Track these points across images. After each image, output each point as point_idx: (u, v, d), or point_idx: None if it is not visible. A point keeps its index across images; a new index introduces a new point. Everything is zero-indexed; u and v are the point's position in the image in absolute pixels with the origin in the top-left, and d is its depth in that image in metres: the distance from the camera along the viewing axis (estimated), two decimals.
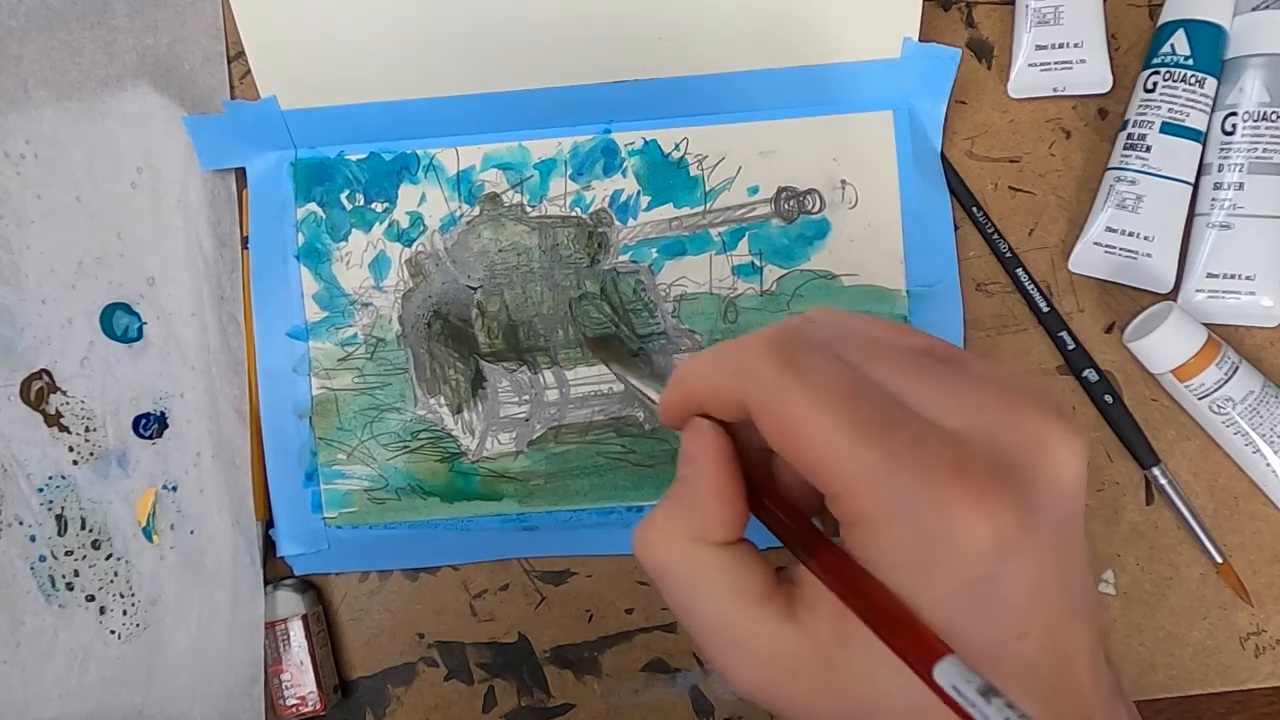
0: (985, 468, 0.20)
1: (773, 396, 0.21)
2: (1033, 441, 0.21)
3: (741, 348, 0.23)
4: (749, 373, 0.22)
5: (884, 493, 0.20)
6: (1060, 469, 0.21)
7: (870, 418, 0.20)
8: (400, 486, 0.42)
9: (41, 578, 0.43)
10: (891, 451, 0.20)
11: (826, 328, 0.24)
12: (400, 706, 0.43)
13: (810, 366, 0.21)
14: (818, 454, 0.21)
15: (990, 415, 0.21)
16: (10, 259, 0.43)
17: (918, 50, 0.40)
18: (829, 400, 0.21)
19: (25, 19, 0.43)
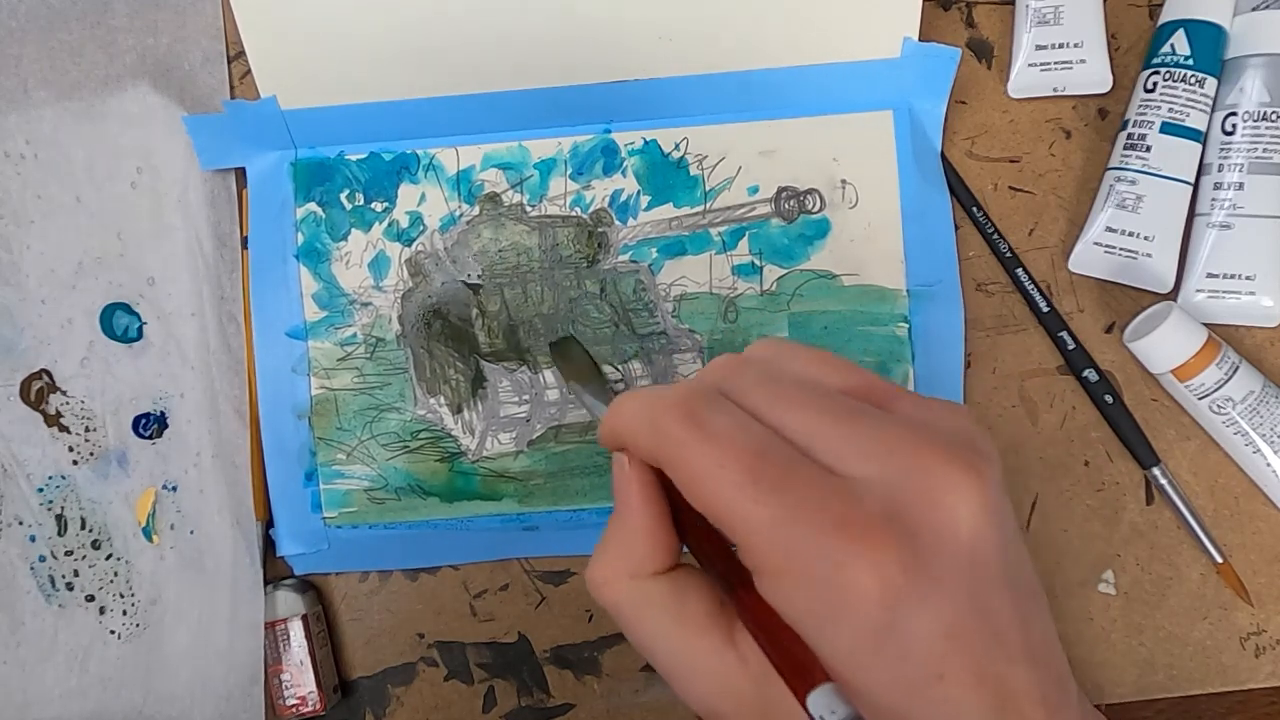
0: (874, 519, 0.21)
1: (678, 453, 0.23)
2: (927, 492, 0.22)
3: (655, 403, 0.24)
4: (658, 428, 0.23)
5: (781, 546, 0.21)
6: (953, 517, 0.21)
7: (768, 474, 0.22)
8: (400, 486, 0.42)
9: (41, 578, 0.43)
10: (786, 506, 0.21)
11: (758, 370, 0.25)
12: (400, 706, 0.43)
13: (714, 423, 0.23)
14: (719, 507, 0.22)
15: (894, 464, 0.22)
16: (10, 259, 0.43)
17: (918, 50, 0.40)
18: (728, 457, 0.22)
19: (25, 19, 0.43)
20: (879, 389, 0.25)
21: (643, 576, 0.25)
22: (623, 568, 0.25)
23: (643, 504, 0.25)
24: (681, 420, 0.23)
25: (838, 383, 0.25)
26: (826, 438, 0.22)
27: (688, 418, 0.23)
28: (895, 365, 0.41)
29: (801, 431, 0.23)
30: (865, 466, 0.22)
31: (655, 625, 0.24)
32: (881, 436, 0.22)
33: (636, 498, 0.25)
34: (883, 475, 0.22)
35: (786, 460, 0.22)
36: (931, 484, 0.22)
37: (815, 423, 0.23)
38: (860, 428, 0.23)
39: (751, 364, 0.25)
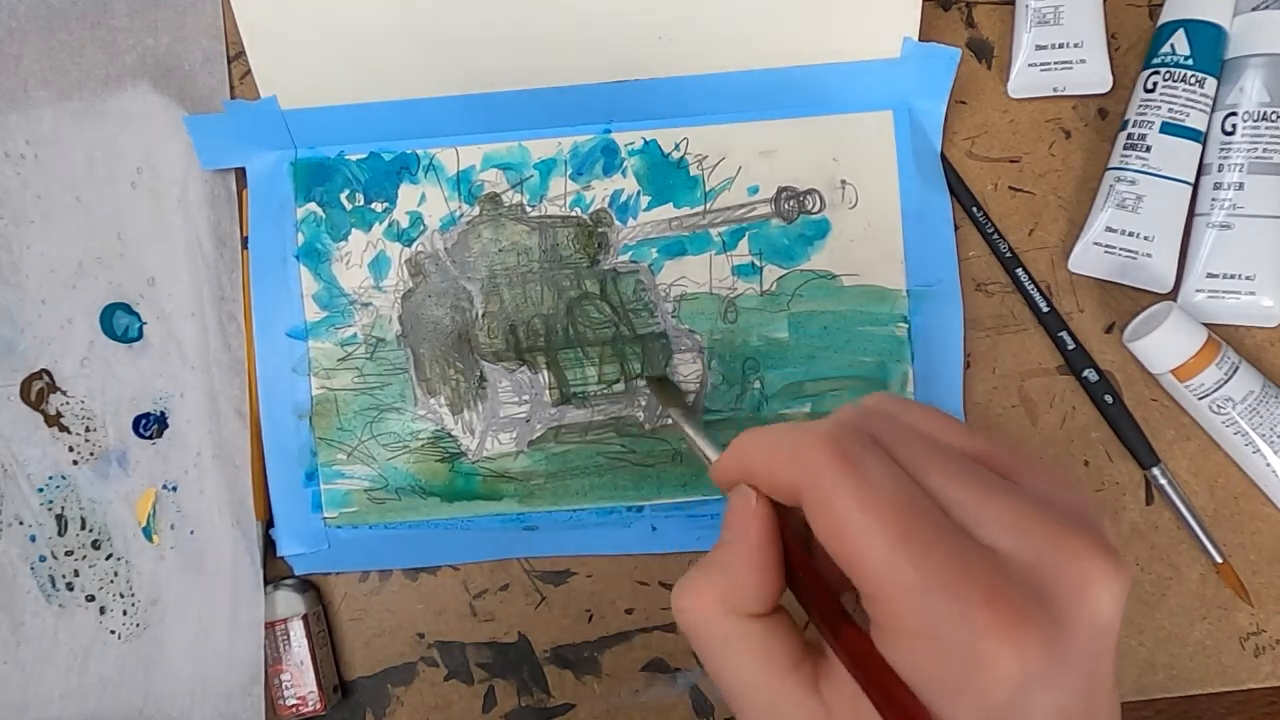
0: (1021, 597, 0.21)
1: (826, 493, 0.22)
2: (1075, 578, 0.21)
3: (802, 437, 0.23)
4: (806, 464, 0.22)
5: (919, 609, 0.21)
6: (1098, 609, 0.21)
7: (917, 532, 0.21)
8: (400, 486, 0.42)
9: (41, 578, 0.43)
10: (932, 570, 0.21)
11: (885, 422, 0.24)
12: (400, 706, 0.43)
13: (867, 468, 0.22)
14: (860, 557, 0.21)
15: (1037, 542, 0.21)
16: (10, 259, 0.43)
17: (917, 50, 0.40)
18: (880, 507, 0.21)
19: (25, 19, 0.43)
20: (1002, 458, 0.24)
21: (737, 613, 0.24)
22: (718, 598, 0.24)
23: (759, 540, 0.24)
24: (834, 459, 0.22)
25: (964, 445, 0.24)
26: (972, 506, 0.22)
27: (841, 457, 0.22)
28: (895, 365, 0.41)
29: (943, 494, 0.22)
30: (1009, 541, 0.21)
31: (741, 663, 0.24)
32: (1022, 511, 0.22)
33: (758, 536, 0.24)
34: (1027, 553, 0.21)
35: (937, 522, 0.21)
36: (1077, 571, 0.21)
37: (959, 488, 0.22)
38: (1003, 500, 0.22)
39: (879, 418, 0.24)
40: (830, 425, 0.23)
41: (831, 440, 0.22)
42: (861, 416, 0.24)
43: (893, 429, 0.24)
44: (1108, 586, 0.21)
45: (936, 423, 0.25)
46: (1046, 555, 0.21)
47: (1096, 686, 0.21)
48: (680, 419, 0.35)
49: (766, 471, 0.24)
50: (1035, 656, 0.20)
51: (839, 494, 0.22)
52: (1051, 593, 0.21)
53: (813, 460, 0.22)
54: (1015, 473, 0.24)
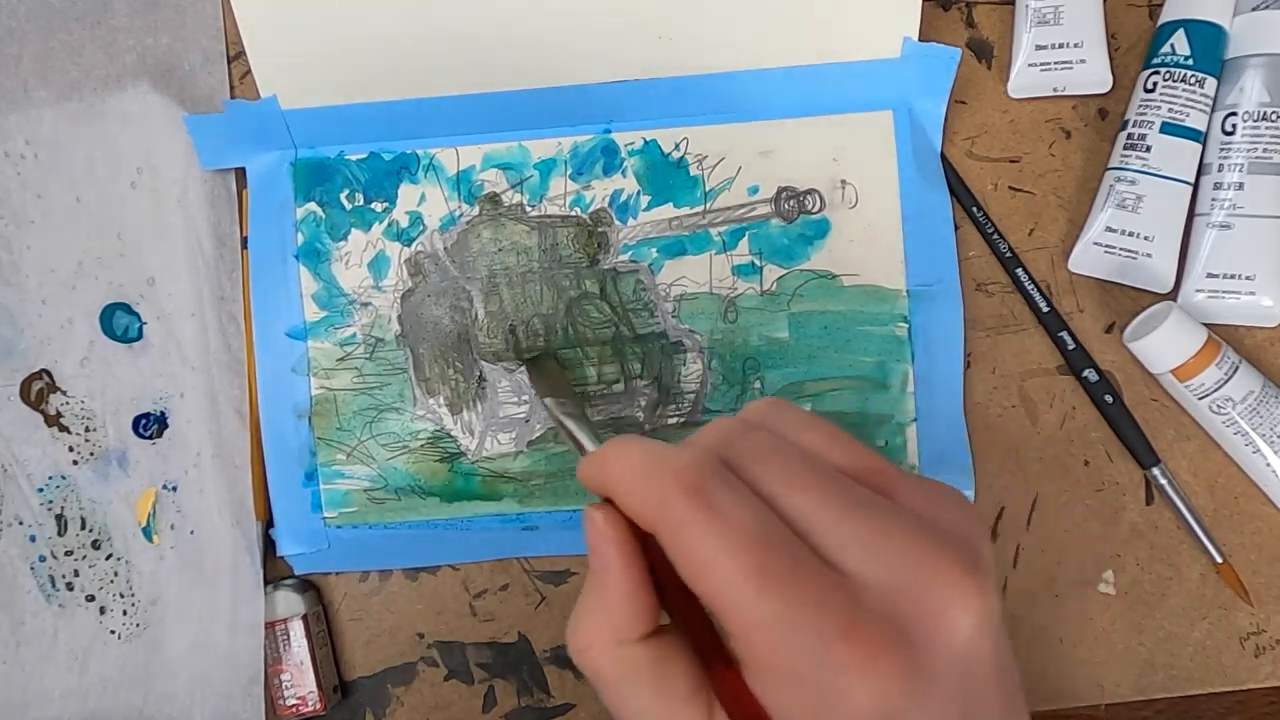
0: (878, 628, 0.21)
1: (679, 530, 0.22)
2: (935, 603, 0.21)
3: (657, 468, 0.23)
4: (660, 499, 0.22)
5: (779, 645, 0.21)
6: (959, 635, 0.21)
7: (771, 566, 0.21)
8: (400, 486, 0.42)
9: (41, 578, 0.43)
10: (786, 605, 0.21)
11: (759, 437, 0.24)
12: (400, 706, 0.43)
13: (722, 503, 0.22)
14: (716, 595, 0.21)
15: (897, 566, 0.21)
16: (10, 259, 0.43)
17: (918, 50, 0.40)
18: (733, 543, 0.21)
19: (25, 19, 0.43)
20: (880, 472, 0.24)
21: (626, 643, 0.24)
22: (605, 634, 0.24)
23: (623, 566, 0.24)
24: (687, 495, 0.22)
25: (841, 461, 0.24)
26: (833, 528, 0.22)
27: (695, 493, 0.22)
28: (895, 365, 0.41)
29: (807, 518, 0.22)
30: (869, 565, 0.21)
31: (637, 697, 0.24)
32: (886, 533, 0.22)
33: (616, 560, 0.24)
34: (885, 577, 0.21)
35: (794, 555, 0.21)
36: (935, 594, 0.21)
37: (822, 510, 0.22)
38: (865, 520, 0.22)
39: (756, 432, 0.24)
40: (687, 457, 0.23)
41: (684, 474, 0.22)
42: (732, 434, 0.24)
43: (764, 445, 0.24)
44: (967, 611, 0.21)
45: (815, 435, 0.25)
46: (906, 580, 0.21)
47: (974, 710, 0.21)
48: (554, 409, 0.34)
49: (624, 497, 0.24)
50: (895, 689, 0.20)
51: (692, 531, 0.22)
52: (910, 619, 0.21)
53: (665, 495, 0.22)
54: (893, 488, 0.24)
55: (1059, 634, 0.41)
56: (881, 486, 0.24)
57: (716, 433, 0.24)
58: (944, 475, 0.41)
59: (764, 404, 0.26)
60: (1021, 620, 0.42)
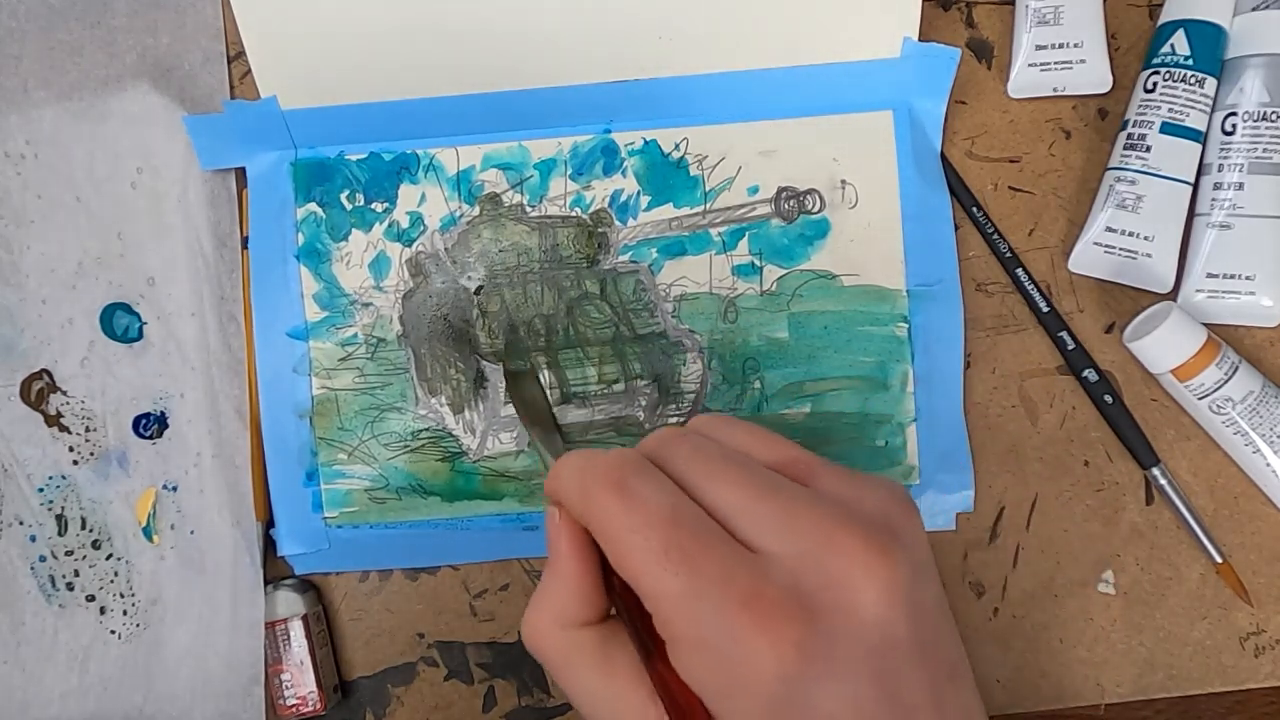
0: (777, 597, 0.22)
1: (602, 521, 0.24)
2: (835, 574, 0.22)
3: (588, 468, 0.25)
4: (587, 493, 0.24)
5: (688, 618, 0.22)
6: (862, 603, 0.22)
7: (680, 543, 0.23)
8: (401, 486, 0.42)
9: (42, 578, 0.43)
10: (693, 578, 0.22)
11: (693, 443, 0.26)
12: (400, 706, 0.43)
13: (638, 493, 0.24)
14: (634, 575, 0.23)
15: (803, 542, 0.23)
16: (10, 259, 0.43)
17: (917, 50, 0.40)
18: (646, 525, 0.23)
19: (25, 19, 0.43)
20: (804, 464, 0.26)
21: (572, 627, 0.26)
22: (552, 618, 0.26)
23: (571, 555, 0.26)
24: (609, 487, 0.24)
25: (767, 456, 0.26)
26: (746, 511, 0.24)
27: (615, 485, 0.24)
28: (895, 365, 0.41)
29: (724, 505, 0.24)
30: (778, 542, 0.23)
31: (582, 676, 0.25)
32: (797, 512, 0.23)
33: (565, 549, 0.26)
34: (793, 553, 0.23)
35: (701, 532, 0.23)
36: (839, 565, 0.22)
37: (737, 496, 0.24)
38: (778, 503, 0.23)
39: (688, 437, 0.26)
40: (614, 455, 0.25)
41: (609, 470, 0.24)
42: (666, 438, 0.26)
43: (690, 444, 0.26)
44: (871, 581, 0.22)
45: (743, 435, 0.27)
46: (811, 553, 0.23)
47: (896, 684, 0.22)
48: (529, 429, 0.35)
49: (563, 496, 0.26)
50: (793, 653, 0.21)
51: (611, 519, 0.24)
52: (813, 589, 0.22)
53: (592, 490, 0.24)
54: (814, 477, 0.25)
55: (1059, 634, 0.41)
56: (803, 476, 0.25)
57: (653, 438, 0.27)
58: (944, 475, 0.41)
59: (704, 416, 0.28)
60: (1021, 620, 0.42)
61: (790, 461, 0.26)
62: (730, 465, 0.25)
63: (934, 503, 0.42)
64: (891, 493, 0.25)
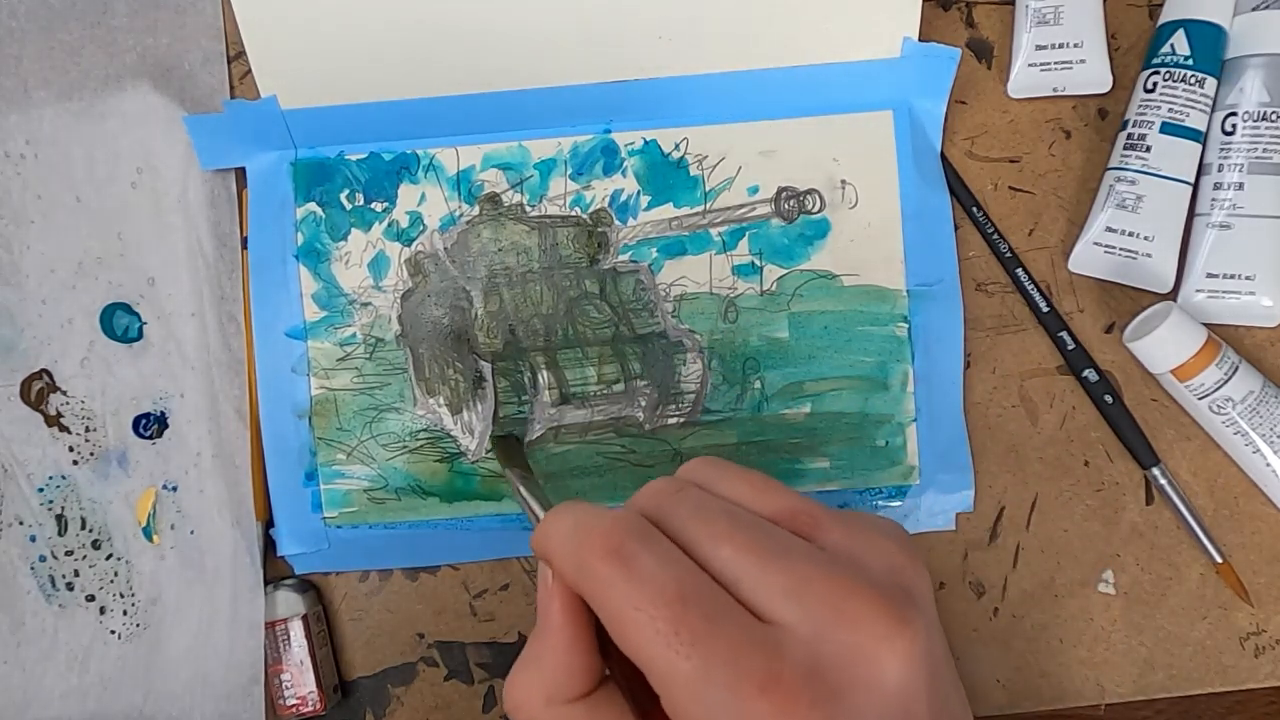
0: (797, 677, 0.21)
1: (602, 592, 0.22)
2: (855, 648, 0.21)
3: (582, 534, 0.23)
4: (584, 564, 0.23)
5: (698, 701, 0.21)
6: (882, 674, 0.21)
7: (691, 623, 0.21)
8: (400, 486, 0.42)
9: (41, 578, 0.43)
10: (704, 661, 0.21)
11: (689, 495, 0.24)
12: (400, 706, 0.43)
13: (640, 564, 0.22)
14: (640, 653, 0.21)
15: (823, 614, 0.21)
16: (10, 259, 0.43)
17: (918, 50, 0.40)
18: (652, 601, 0.21)
19: (25, 19, 0.43)
20: (806, 515, 0.24)
21: (561, 703, 0.24)
22: (541, 692, 0.24)
23: (564, 625, 0.24)
24: (607, 557, 0.22)
25: (767, 508, 0.24)
26: (755, 577, 0.22)
27: (613, 555, 0.22)
28: (895, 365, 0.41)
29: (731, 570, 0.22)
30: (791, 613, 0.21)
31: None
32: (808, 578, 0.22)
33: (558, 618, 0.24)
34: (808, 625, 0.21)
35: (711, 607, 0.21)
36: (858, 638, 0.21)
37: (745, 560, 0.22)
38: (786, 567, 0.22)
39: (685, 490, 0.25)
40: (610, 520, 0.23)
41: (604, 536, 0.23)
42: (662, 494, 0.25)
43: (690, 502, 0.24)
44: (894, 653, 0.21)
45: (743, 486, 0.25)
46: (827, 624, 0.21)
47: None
48: (515, 480, 0.35)
49: (555, 563, 0.24)
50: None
51: (612, 593, 0.22)
52: (835, 666, 0.21)
53: (586, 557, 0.23)
54: (819, 530, 0.24)
55: (1059, 634, 0.41)
56: (808, 530, 0.24)
57: (648, 494, 0.25)
58: (944, 475, 0.41)
59: (697, 462, 0.27)
60: (1021, 620, 0.42)
61: (792, 513, 0.24)
62: (736, 526, 0.23)
63: (934, 503, 0.42)
64: (899, 545, 0.24)
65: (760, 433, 0.42)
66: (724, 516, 0.23)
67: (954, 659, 0.41)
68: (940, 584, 0.42)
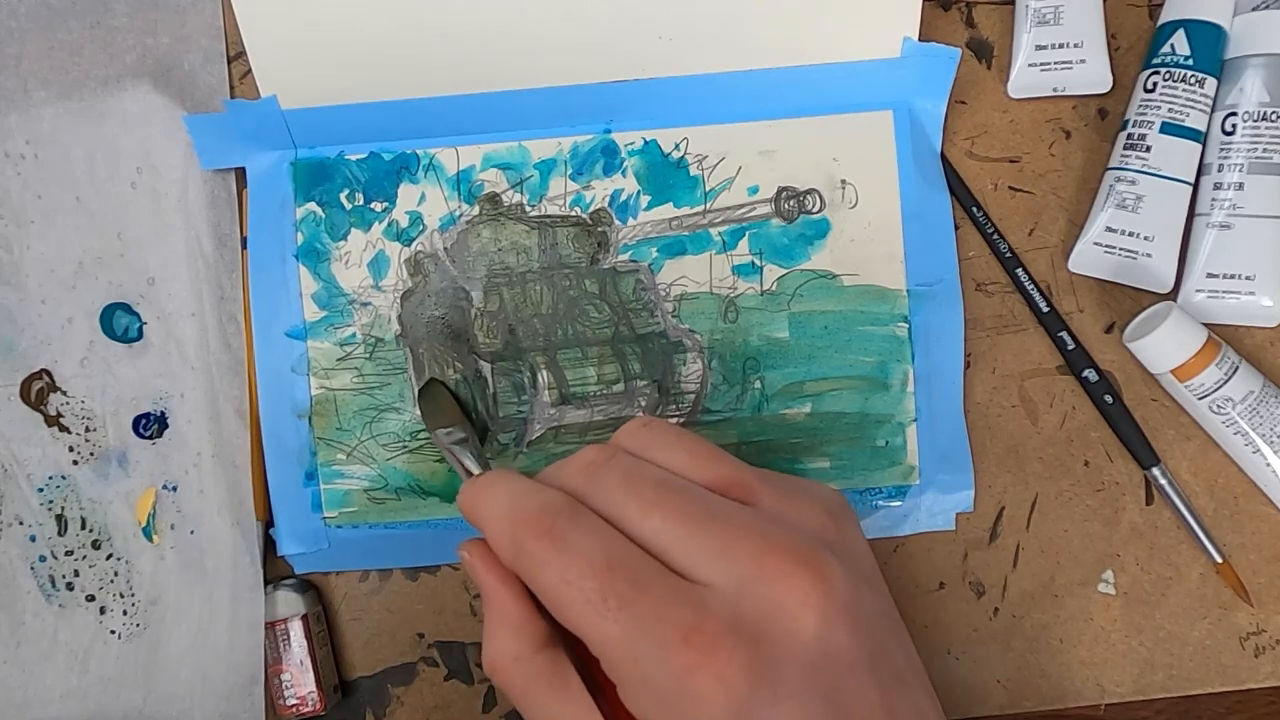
0: (719, 628, 0.22)
1: (532, 569, 0.24)
2: (774, 601, 0.22)
3: (516, 514, 0.24)
4: (516, 544, 0.24)
5: (631, 660, 0.22)
6: (799, 625, 0.22)
7: (617, 588, 0.22)
8: (400, 486, 0.42)
9: (41, 578, 0.43)
10: (632, 621, 0.22)
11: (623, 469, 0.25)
12: (400, 706, 0.43)
13: (570, 539, 0.23)
14: (576, 625, 0.23)
15: (740, 568, 0.23)
16: (10, 259, 0.43)
17: (918, 50, 0.40)
18: (581, 575, 0.23)
19: (25, 19, 0.43)
20: (742, 482, 0.25)
21: (524, 657, 0.25)
22: (504, 649, 0.26)
23: (501, 593, 0.26)
24: (538, 538, 0.24)
25: (703, 476, 0.25)
26: (680, 542, 0.23)
27: (545, 534, 0.24)
28: (895, 365, 0.41)
29: (659, 537, 0.23)
30: (716, 572, 0.23)
31: (539, 702, 0.25)
32: (731, 538, 0.23)
33: (496, 587, 0.26)
34: (730, 580, 0.22)
35: (637, 573, 0.23)
36: (774, 591, 0.22)
37: (669, 527, 0.23)
38: (711, 530, 0.23)
39: (618, 461, 0.26)
40: (540, 500, 0.24)
41: (537, 518, 0.24)
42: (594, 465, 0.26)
43: (620, 473, 0.25)
44: (806, 603, 0.22)
45: (679, 454, 0.26)
46: (748, 580, 0.22)
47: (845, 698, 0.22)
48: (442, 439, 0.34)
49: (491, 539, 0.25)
50: (739, 683, 0.21)
51: (544, 570, 0.23)
52: (754, 616, 0.22)
53: (520, 539, 0.24)
54: (753, 494, 0.25)
55: (1059, 634, 0.41)
56: (743, 496, 0.25)
57: (580, 464, 0.26)
58: (944, 475, 0.41)
59: (634, 425, 0.28)
60: (1021, 620, 0.42)
61: (729, 481, 0.25)
62: (664, 493, 0.24)
63: (934, 503, 0.42)
64: (826, 505, 0.25)
65: (760, 433, 0.42)
66: (652, 486, 0.25)
67: (953, 658, 0.41)
68: (940, 584, 0.42)
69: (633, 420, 0.28)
